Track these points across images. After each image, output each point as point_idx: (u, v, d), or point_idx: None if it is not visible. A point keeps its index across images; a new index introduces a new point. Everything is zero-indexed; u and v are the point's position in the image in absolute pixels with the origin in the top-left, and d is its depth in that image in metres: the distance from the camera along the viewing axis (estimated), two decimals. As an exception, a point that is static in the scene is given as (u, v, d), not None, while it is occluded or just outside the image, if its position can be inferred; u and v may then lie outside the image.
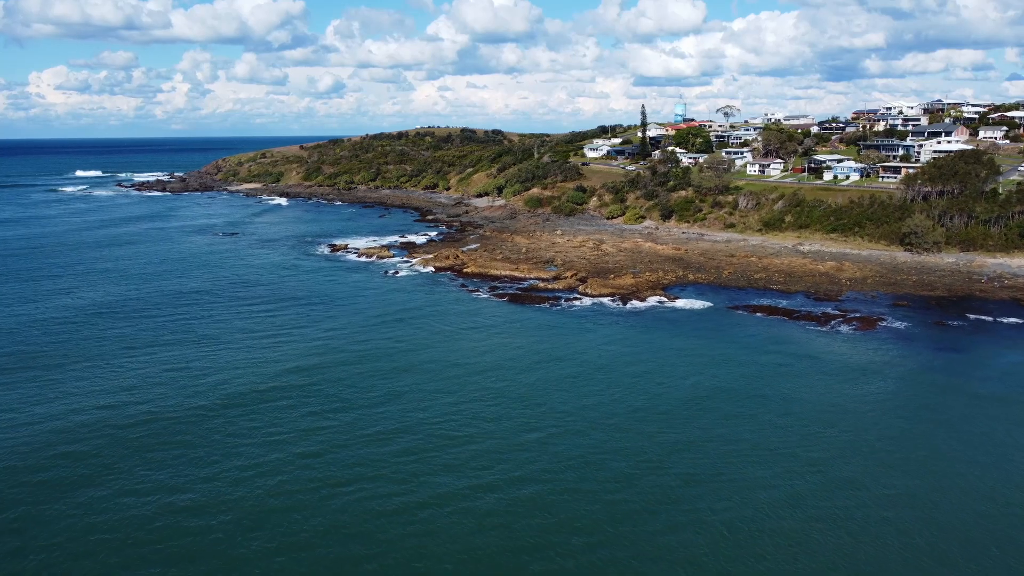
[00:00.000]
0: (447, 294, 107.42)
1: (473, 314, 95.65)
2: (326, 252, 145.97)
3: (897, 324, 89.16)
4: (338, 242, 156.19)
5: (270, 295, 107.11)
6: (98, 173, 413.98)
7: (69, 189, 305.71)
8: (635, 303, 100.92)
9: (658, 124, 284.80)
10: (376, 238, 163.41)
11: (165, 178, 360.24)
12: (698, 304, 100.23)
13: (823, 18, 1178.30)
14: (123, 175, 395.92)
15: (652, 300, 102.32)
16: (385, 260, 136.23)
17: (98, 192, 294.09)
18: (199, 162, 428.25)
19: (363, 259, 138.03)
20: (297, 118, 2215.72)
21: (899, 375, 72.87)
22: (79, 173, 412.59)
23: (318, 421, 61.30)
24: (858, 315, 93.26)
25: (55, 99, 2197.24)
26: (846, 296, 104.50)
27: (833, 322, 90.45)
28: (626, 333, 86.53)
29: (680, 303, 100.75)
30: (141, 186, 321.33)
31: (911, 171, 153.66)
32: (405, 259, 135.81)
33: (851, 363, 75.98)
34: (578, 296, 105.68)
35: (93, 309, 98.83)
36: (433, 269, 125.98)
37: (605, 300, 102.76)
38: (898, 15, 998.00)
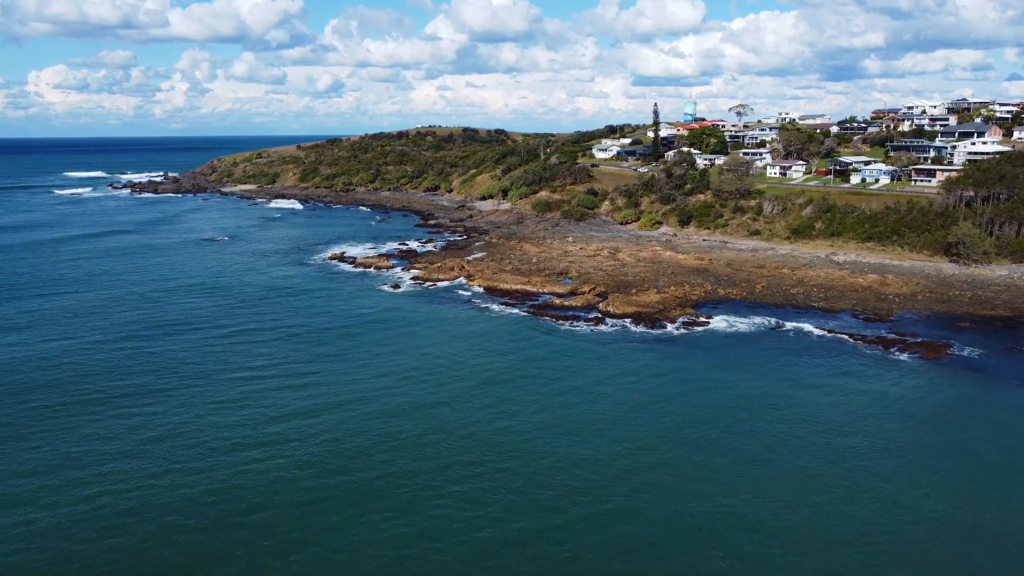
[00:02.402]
0: (453, 316, 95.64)
1: (484, 343, 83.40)
2: (320, 262, 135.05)
3: (967, 352, 78.28)
4: (334, 250, 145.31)
5: (254, 322, 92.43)
6: (92, 173, 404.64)
7: (59, 191, 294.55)
8: (664, 326, 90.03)
9: (668, 123, 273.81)
10: (374, 245, 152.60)
11: (158, 179, 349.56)
12: (735, 326, 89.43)
13: (822, 18, 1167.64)
14: (117, 175, 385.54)
15: (682, 321, 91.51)
16: (384, 271, 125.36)
17: (87, 193, 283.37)
18: (199, 161, 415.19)
19: (360, 269, 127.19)
20: (296, 117, 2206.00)
21: (991, 420, 62.02)
22: (72, 174, 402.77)
23: (303, 520, 47.61)
24: (919, 340, 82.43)
25: (54, 98, 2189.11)
26: (898, 315, 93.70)
27: (893, 348, 79.62)
28: (663, 368, 74.94)
29: (715, 325, 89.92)
30: (133, 187, 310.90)
31: (951, 174, 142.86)
32: (405, 270, 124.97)
33: (930, 403, 65.24)
34: (599, 315, 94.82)
35: (39, 349, 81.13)
36: (436, 282, 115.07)
37: (629, 322, 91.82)
38: (897, 15, 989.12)
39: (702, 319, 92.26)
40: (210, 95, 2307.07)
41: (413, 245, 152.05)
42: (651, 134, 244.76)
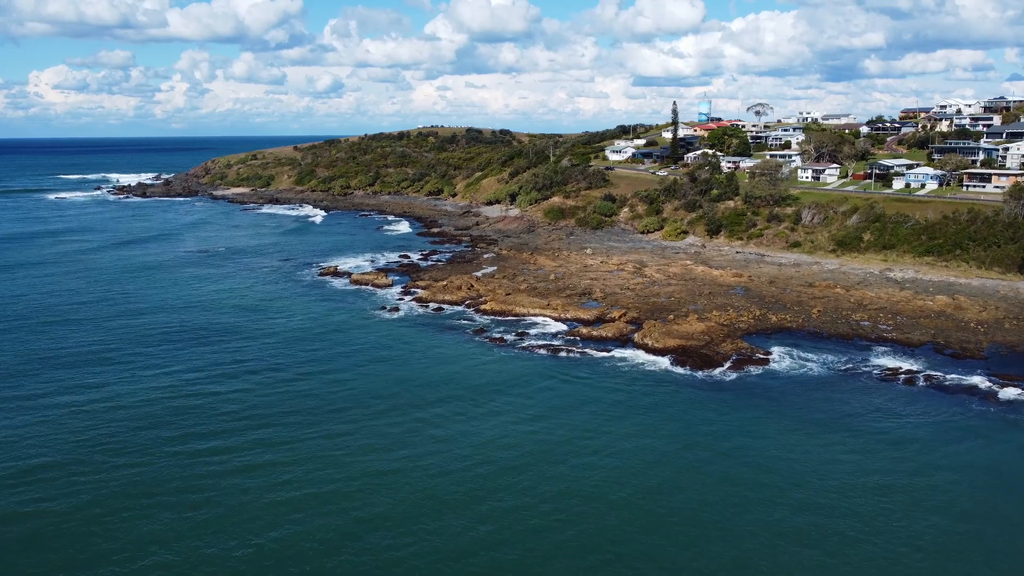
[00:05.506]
0: (462, 355, 79.96)
1: (503, 399, 67.06)
2: (311, 278, 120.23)
3: (1099, 404, 63.57)
4: (326, 263, 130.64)
5: (215, 379, 71.68)
6: (86, 175, 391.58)
7: (45, 195, 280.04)
8: (716, 364, 75.16)
9: (684, 124, 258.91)
10: (372, 257, 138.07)
11: (148, 181, 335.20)
12: (799, 365, 74.70)
13: (822, 18, 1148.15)
14: (109, 177, 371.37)
15: (735, 358, 76.68)
16: (381, 290, 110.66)
17: (71, 197, 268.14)
18: (199, 162, 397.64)
19: (356, 287, 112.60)
20: (296, 118, 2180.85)
21: None
22: (66, 176, 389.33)
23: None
24: (1032, 386, 67.71)
25: (54, 98, 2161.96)
26: (990, 350, 78.99)
27: (1009, 397, 64.90)
28: (722, 428, 60.73)
29: (775, 364, 75.16)
30: (121, 190, 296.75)
31: (1018, 179, 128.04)
32: (406, 289, 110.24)
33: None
34: (635, 348, 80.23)
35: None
36: (441, 305, 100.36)
37: (672, 360, 76.98)
38: (897, 15, 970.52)
39: (758, 355, 77.51)
40: (210, 95, 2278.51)
41: (415, 258, 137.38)
42: (667, 135, 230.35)
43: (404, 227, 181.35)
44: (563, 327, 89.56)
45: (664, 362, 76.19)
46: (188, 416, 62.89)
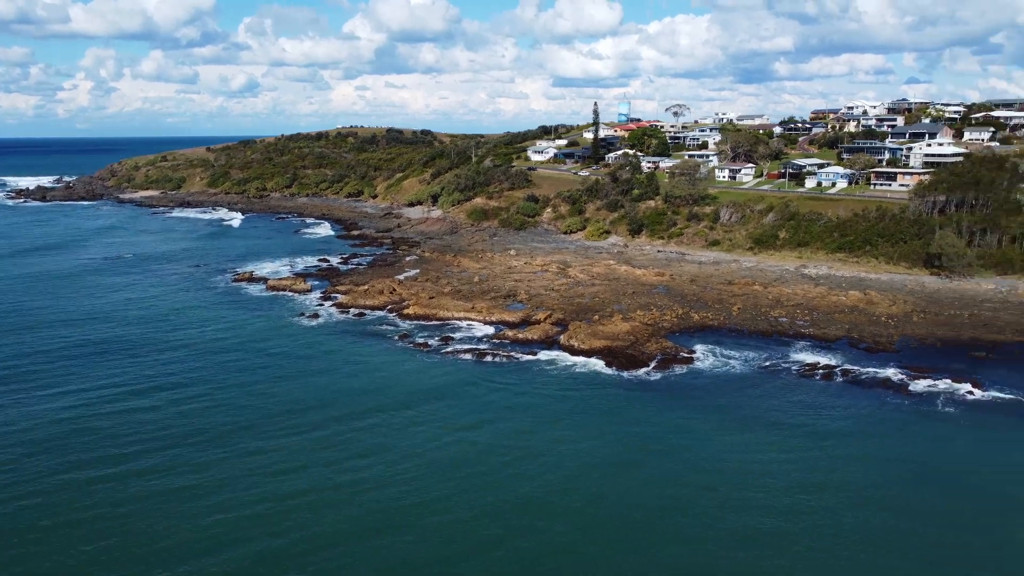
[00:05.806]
0: (385, 363, 77.21)
1: (428, 409, 65.36)
2: (225, 285, 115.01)
3: (1007, 393, 66.08)
4: (242, 269, 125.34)
5: (110, 399, 66.33)
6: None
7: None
8: (641, 364, 75.19)
9: (605, 124, 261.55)
10: (290, 261, 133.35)
11: (49, 184, 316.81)
12: (722, 363, 75.41)
13: (734, 22, 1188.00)
14: (7, 179, 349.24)
15: (659, 358, 76.85)
16: (300, 296, 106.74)
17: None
18: (104, 164, 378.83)
19: (272, 294, 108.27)
20: (210, 118, 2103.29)
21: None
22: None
23: None
24: (946, 377, 69.90)
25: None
26: (901, 343, 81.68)
27: (920, 390, 67.01)
28: (649, 429, 60.76)
29: (698, 362, 75.65)
30: (19, 194, 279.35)
31: (920, 178, 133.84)
32: (326, 295, 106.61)
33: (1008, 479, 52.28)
34: (561, 350, 79.51)
35: None
36: (363, 310, 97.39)
37: (598, 361, 76.55)
38: (804, 20, 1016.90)
39: (682, 354, 77.92)
40: (117, 94, 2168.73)
41: (335, 261, 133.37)
42: (588, 135, 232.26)
43: (323, 230, 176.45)
44: (489, 330, 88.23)
45: (590, 363, 75.72)
46: (86, 439, 58.36)
